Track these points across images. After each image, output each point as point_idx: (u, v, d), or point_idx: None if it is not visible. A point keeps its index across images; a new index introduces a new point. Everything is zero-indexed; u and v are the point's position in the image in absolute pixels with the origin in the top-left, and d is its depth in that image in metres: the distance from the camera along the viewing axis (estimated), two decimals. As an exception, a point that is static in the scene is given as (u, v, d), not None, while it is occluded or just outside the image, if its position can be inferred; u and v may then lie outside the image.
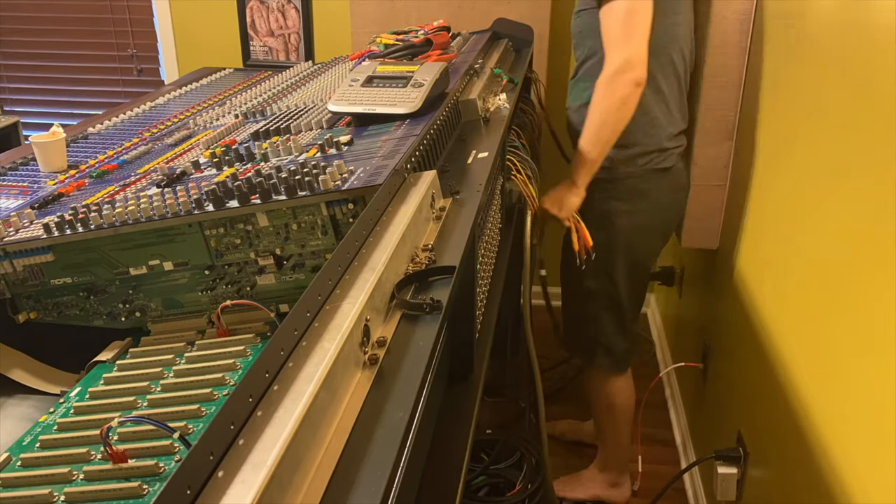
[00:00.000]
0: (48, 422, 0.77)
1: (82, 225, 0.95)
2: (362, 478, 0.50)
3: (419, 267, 0.78)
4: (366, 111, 1.22)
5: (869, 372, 1.02)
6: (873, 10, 1.08)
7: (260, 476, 0.44)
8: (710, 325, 2.04)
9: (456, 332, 0.89)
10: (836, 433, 1.13)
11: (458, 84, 1.40)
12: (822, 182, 1.26)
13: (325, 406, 0.54)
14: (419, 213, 0.86)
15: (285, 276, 0.98)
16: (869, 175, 1.06)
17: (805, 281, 1.31)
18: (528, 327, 1.63)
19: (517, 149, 1.52)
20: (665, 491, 1.86)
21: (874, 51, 1.07)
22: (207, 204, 0.94)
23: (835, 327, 1.16)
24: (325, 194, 0.92)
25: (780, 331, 1.42)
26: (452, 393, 0.89)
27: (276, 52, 2.91)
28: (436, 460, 0.76)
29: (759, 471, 1.51)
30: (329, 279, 0.67)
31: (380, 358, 0.63)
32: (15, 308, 1.02)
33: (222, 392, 0.76)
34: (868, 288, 1.04)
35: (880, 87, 1.04)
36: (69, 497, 0.64)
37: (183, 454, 0.67)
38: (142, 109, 1.64)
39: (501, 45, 1.96)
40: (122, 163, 1.24)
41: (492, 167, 1.12)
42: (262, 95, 1.60)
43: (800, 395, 1.28)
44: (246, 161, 1.10)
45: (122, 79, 3.10)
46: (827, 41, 1.29)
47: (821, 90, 1.30)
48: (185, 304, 1.00)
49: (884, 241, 0.98)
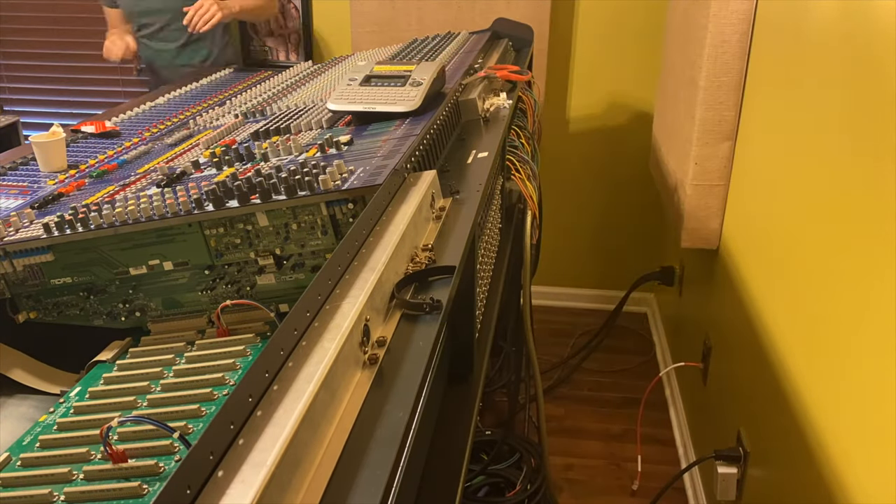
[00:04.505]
0: (48, 422, 0.77)
1: (82, 225, 0.95)
2: (362, 478, 0.50)
3: (419, 267, 0.78)
4: (365, 110, 1.22)
5: (869, 372, 1.02)
6: (874, 10, 1.08)
7: (260, 476, 0.44)
8: (710, 325, 2.04)
9: (456, 332, 0.89)
10: (836, 433, 1.13)
11: (457, 84, 1.41)
12: (822, 182, 1.26)
13: (325, 406, 0.54)
14: (419, 212, 0.86)
15: (285, 276, 0.98)
16: (870, 175, 1.06)
17: (805, 281, 1.31)
18: (528, 327, 1.64)
19: (517, 149, 1.52)
20: (665, 491, 1.86)
21: (875, 50, 1.07)
22: (207, 204, 0.94)
23: (835, 327, 1.16)
24: (325, 194, 0.92)
25: (780, 331, 1.42)
26: (452, 393, 0.89)
27: (276, 52, 2.91)
28: (436, 460, 0.76)
29: (759, 471, 1.51)
30: (329, 279, 0.67)
31: (380, 358, 0.63)
32: (15, 308, 1.02)
33: (222, 392, 0.76)
34: (868, 288, 1.04)
35: (881, 87, 1.04)
36: (69, 497, 0.64)
37: (183, 454, 0.67)
38: (141, 109, 1.64)
39: (501, 45, 1.96)
40: (122, 163, 1.25)
41: (492, 167, 1.12)
42: (262, 95, 1.60)
43: (800, 395, 1.28)
44: (246, 161, 1.10)
45: (122, 79, 3.10)
46: (827, 41, 1.29)
47: (821, 90, 1.30)
48: (185, 303, 1.00)
49: (884, 242, 0.98)
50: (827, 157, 1.24)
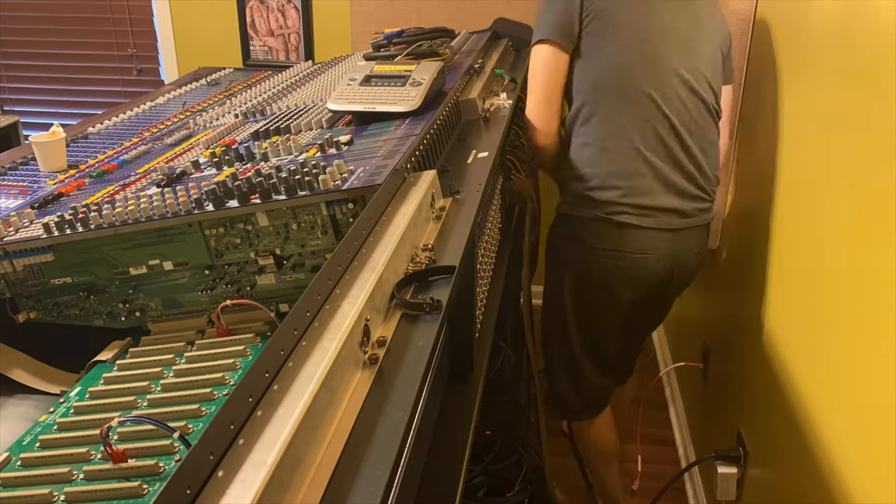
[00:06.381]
0: (48, 421, 0.77)
1: (82, 225, 0.95)
2: (362, 478, 0.50)
3: (419, 267, 0.78)
4: (365, 109, 1.22)
5: (869, 372, 1.02)
6: (874, 9, 1.08)
7: (260, 476, 0.44)
8: (710, 325, 2.04)
9: (456, 332, 0.89)
10: (836, 433, 1.13)
11: (457, 84, 1.40)
12: (822, 181, 1.26)
13: (325, 406, 0.54)
14: (419, 212, 0.86)
15: (285, 276, 0.98)
16: (869, 175, 1.06)
17: (805, 280, 1.31)
18: (528, 327, 1.64)
19: (517, 148, 1.52)
20: (665, 491, 1.86)
21: (875, 50, 1.07)
22: (207, 204, 0.94)
23: (835, 327, 1.16)
24: (325, 194, 0.92)
25: (780, 331, 1.42)
26: (452, 393, 0.89)
27: (276, 52, 2.91)
28: (436, 460, 0.76)
29: (759, 471, 1.51)
30: (329, 279, 0.67)
31: (380, 358, 0.63)
32: (15, 308, 1.02)
33: (222, 392, 0.76)
34: (868, 287, 1.04)
35: (881, 86, 1.04)
36: (69, 497, 0.64)
37: (183, 454, 0.67)
38: (142, 109, 1.64)
39: (501, 44, 1.96)
40: (122, 162, 1.24)
41: (492, 167, 1.12)
42: (262, 95, 1.60)
43: (800, 395, 1.27)
44: (246, 161, 1.10)
45: (122, 79, 3.10)
46: (827, 41, 1.29)
47: (821, 90, 1.30)
48: (185, 303, 1.00)
49: (884, 240, 0.98)
50: (827, 157, 1.24)
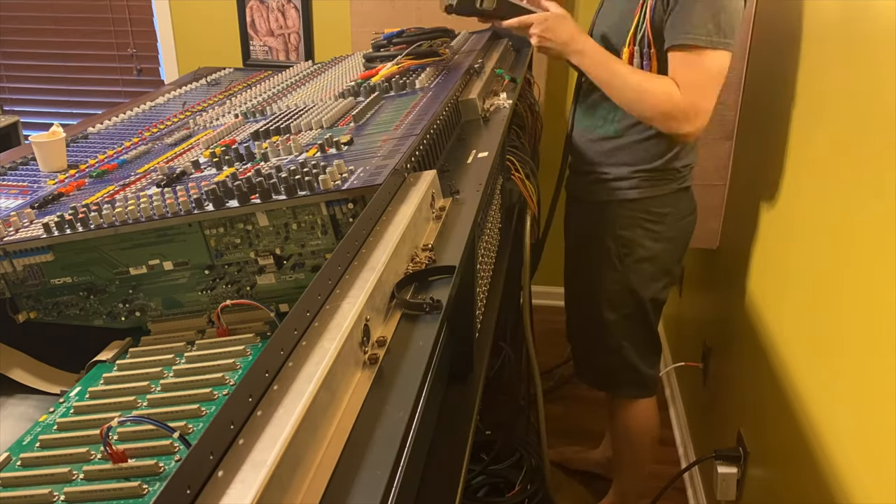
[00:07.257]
0: (48, 421, 0.77)
1: (82, 225, 0.95)
2: (362, 478, 0.50)
3: (419, 266, 0.78)
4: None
5: (869, 372, 1.02)
6: (873, 10, 1.08)
7: (260, 476, 0.44)
8: (710, 325, 2.04)
9: (456, 332, 0.89)
10: (836, 433, 1.13)
11: (457, 84, 1.40)
12: (821, 181, 1.26)
13: (325, 406, 0.54)
14: (419, 212, 0.86)
15: (285, 276, 0.98)
16: (869, 174, 1.06)
17: (805, 280, 1.31)
18: (528, 327, 1.64)
19: (517, 148, 1.52)
20: (665, 491, 1.86)
21: (874, 50, 1.07)
22: (207, 204, 0.94)
23: (835, 327, 1.16)
24: (325, 194, 0.92)
25: (780, 331, 1.42)
26: (452, 393, 0.89)
27: (276, 52, 2.91)
28: (436, 460, 0.76)
29: (759, 471, 1.51)
30: (329, 279, 0.67)
31: (380, 358, 0.63)
32: (15, 308, 1.02)
33: (222, 392, 0.76)
34: (868, 287, 1.04)
35: (880, 86, 1.04)
36: (69, 497, 0.64)
37: (183, 454, 0.67)
38: (142, 109, 1.64)
39: (501, 44, 1.96)
40: (122, 162, 1.24)
41: (492, 167, 1.12)
42: (262, 95, 1.60)
43: (800, 395, 1.27)
44: (246, 161, 1.10)
45: (122, 79, 3.10)
46: (827, 40, 1.29)
47: (820, 89, 1.30)
48: (185, 303, 1.00)
49: (884, 240, 0.98)
50: (827, 157, 1.24)
